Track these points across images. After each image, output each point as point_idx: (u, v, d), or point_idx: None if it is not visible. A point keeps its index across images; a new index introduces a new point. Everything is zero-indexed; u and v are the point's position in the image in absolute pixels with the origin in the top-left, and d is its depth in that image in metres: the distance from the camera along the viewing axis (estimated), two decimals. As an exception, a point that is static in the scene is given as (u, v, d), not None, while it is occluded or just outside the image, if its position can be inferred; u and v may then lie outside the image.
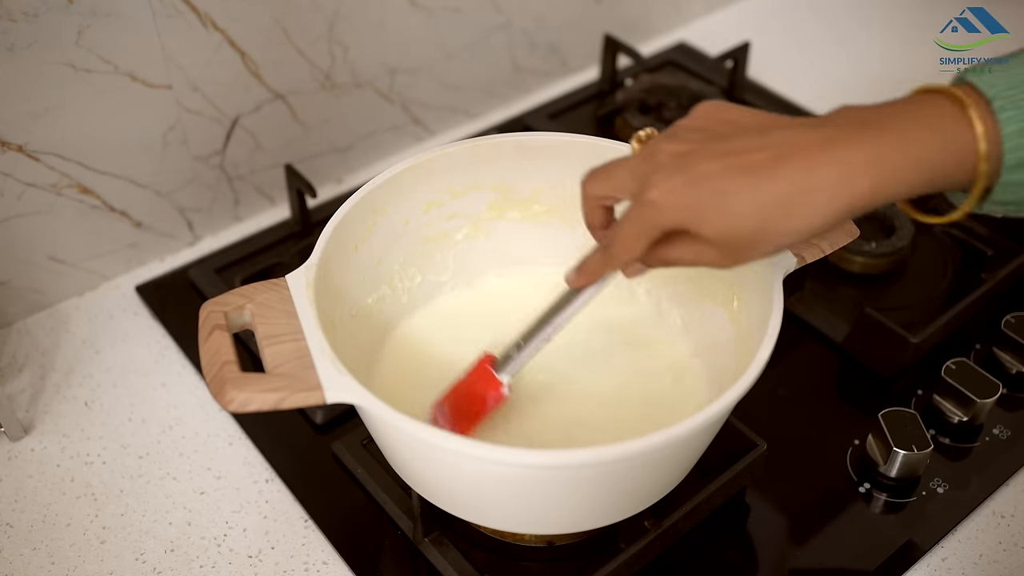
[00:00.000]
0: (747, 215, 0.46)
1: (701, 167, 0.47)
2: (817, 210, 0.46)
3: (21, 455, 0.72)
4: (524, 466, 0.51)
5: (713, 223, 0.47)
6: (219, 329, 0.54)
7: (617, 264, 0.53)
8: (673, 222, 0.48)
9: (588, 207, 0.54)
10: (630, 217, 0.50)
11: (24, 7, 0.70)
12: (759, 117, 0.49)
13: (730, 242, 0.48)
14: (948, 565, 0.66)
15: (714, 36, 1.16)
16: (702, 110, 0.51)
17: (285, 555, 0.66)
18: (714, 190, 0.47)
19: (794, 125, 0.48)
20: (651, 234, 0.50)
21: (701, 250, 0.49)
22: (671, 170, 0.48)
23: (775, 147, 0.47)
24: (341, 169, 0.98)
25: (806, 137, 0.47)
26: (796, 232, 0.47)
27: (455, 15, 0.96)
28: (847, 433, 0.73)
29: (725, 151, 0.47)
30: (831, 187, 0.45)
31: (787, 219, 0.46)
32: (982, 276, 0.83)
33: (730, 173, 0.46)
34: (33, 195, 0.78)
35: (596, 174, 0.53)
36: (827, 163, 0.46)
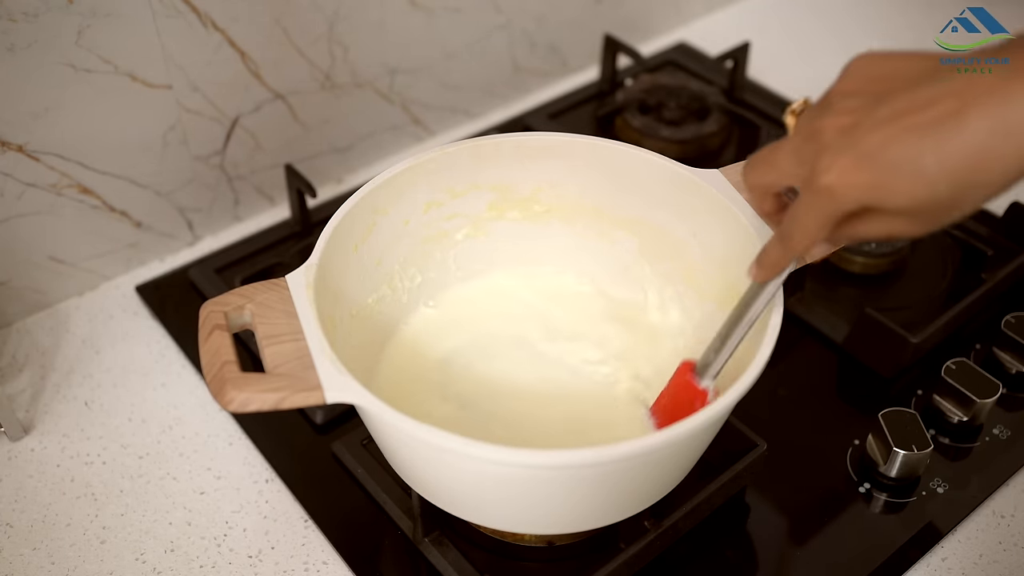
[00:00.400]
0: (940, 178, 0.42)
1: (873, 137, 0.43)
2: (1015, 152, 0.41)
3: (21, 455, 0.72)
4: (524, 466, 0.51)
5: (902, 195, 0.43)
6: (219, 329, 0.54)
7: (798, 254, 0.51)
8: (855, 203, 0.45)
9: (755, 198, 0.52)
10: (806, 206, 0.47)
11: (24, 7, 0.70)
12: (920, 61, 0.45)
13: (925, 209, 0.43)
14: (948, 565, 0.66)
15: (714, 36, 1.16)
16: (855, 68, 0.46)
17: (285, 555, 0.66)
18: (895, 160, 0.42)
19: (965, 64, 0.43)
20: (832, 221, 0.46)
21: (892, 222, 0.45)
22: (840, 148, 0.44)
23: (954, 93, 0.42)
24: (341, 169, 0.98)
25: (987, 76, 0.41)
26: (999, 183, 0.42)
27: (455, 15, 0.96)
28: (847, 433, 0.73)
29: (896, 112, 0.43)
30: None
31: (985, 172, 0.41)
32: (982, 276, 0.83)
33: (909, 136, 0.42)
34: (33, 195, 0.78)
35: (756, 163, 0.50)
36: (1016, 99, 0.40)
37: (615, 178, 0.69)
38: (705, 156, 0.98)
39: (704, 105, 1.01)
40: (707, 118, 1.00)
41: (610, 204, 0.71)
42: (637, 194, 0.69)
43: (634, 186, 0.69)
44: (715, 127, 0.99)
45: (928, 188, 0.42)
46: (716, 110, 1.01)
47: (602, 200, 0.71)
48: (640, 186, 0.68)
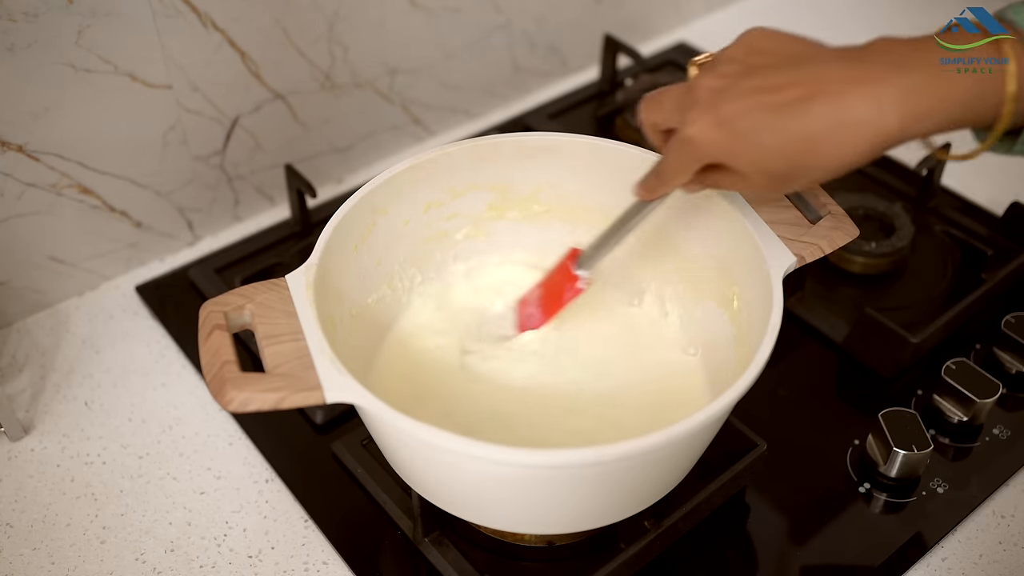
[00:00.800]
0: (775, 154, 0.48)
1: (733, 105, 0.49)
2: (846, 146, 0.47)
3: (21, 455, 0.72)
4: (524, 466, 0.51)
5: (745, 160, 0.49)
6: (219, 329, 0.54)
7: (670, 187, 0.56)
8: (709, 157, 0.51)
9: (646, 131, 0.57)
10: (672, 148, 0.53)
11: (24, 7, 0.70)
12: (798, 46, 0.50)
13: (764, 177, 0.50)
14: (948, 565, 0.66)
15: (714, 36, 1.16)
16: (748, 37, 0.52)
17: (285, 555, 0.66)
18: (743, 129, 0.48)
19: (829, 58, 0.48)
20: (692, 166, 0.52)
21: (742, 180, 0.51)
22: (706, 106, 0.50)
23: (806, 83, 0.47)
24: (341, 169, 0.98)
25: (839, 73, 0.47)
26: (826, 168, 0.48)
27: (455, 15, 0.96)
28: (847, 433, 0.73)
29: (757, 87, 0.48)
30: (860, 124, 0.46)
31: (816, 155, 0.47)
32: (982, 276, 0.83)
33: (758, 111, 0.48)
34: (33, 195, 0.78)
35: (648, 101, 0.55)
36: (857, 99, 0.46)
37: (615, 178, 0.69)
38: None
39: (704, 105, 1.01)
40: (707, 118, 1.00)
41: (610, 204, 0.71)
42: (637, 194, 0.69)
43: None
44: (715, 127, 0.99)
45: (765, 160, 0.49)
46: (716, 110, 1.01)
47: (602, 200, 0.71)
48: (640, 186, 0.68)
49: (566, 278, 0.65)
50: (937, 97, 0.46)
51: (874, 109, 0.46)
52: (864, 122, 0.46)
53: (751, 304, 0.61)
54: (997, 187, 0.95)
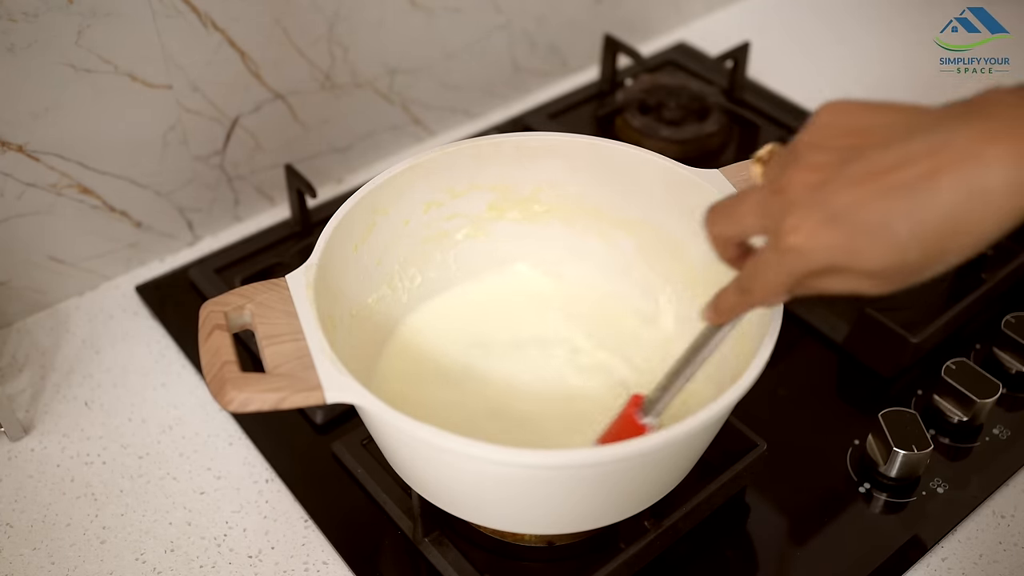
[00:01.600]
0: (911, 244, 0.40)
1: (843, 197, 0.41)
2: (992, 216, 0.39)
3: (21, 455, 0.72)
4: (524, 466, 0.51)
5: (873, 259, 0.41)
6: (219, 329, 0.54)
7: (757, 306, 0.49)
8: (822, 265, 0.43)
9: (718, 248, 0.50)
10: (770, 264, 0.45)
11: (24, 7, 0.70)
12: (890, 115, 0.43)
13: (895, 270, 0.42)
14: (948, 565, 0.66)
15: (714, 36, 1.16)
16: (824, 118, 0.44)
17: (285, 555, 0.66)
18: (866, 223, 0.41)
19: (942, 121, 0.41)
20: (795, 279, 0.45)
21: (857, 281, 0.43)
22: (809, 206, 0.42)
23: (928, 154, 0.40)
24: (341, 169, 0.98)
25: (963, 134, 0.40)
26: (972, 246, 0.41)
27: (455, 15, 0.96)
28: (847, 433, 0.73)
29: (868, 172, 0.41)
30: (1004, 188, 0.39)
31: (961, 235, 0.40)
32: (982, 276, 0.83)
33: (881, 198, 0.40)
34: (33, 195, 0.78)
35: (718, 213, 0.48)
36: (994, 161, 0.39)
37: (615, 178, 0.69)
38: (705, 156, 0.98)
39: (704, 105, 1.01)
40: (707, 118, 1.00)
41: (610, 204, 0.71)
42: (637, 194, 0.69)
43: (634, 186, 0.69)
44: (715, 127, 0.99)
45: (899, 253, 0.41)
46: (716, 110, 1.01)
47: (602, 200, 0.71)
48: (640, 186, 0.68)
49: (634, 430, 0.57)
50: None
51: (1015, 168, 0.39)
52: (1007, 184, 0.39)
53: (751, 304, 0.61)
54: (997, 187, 0.95)
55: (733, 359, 0.63)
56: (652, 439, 0.50)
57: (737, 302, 0.49)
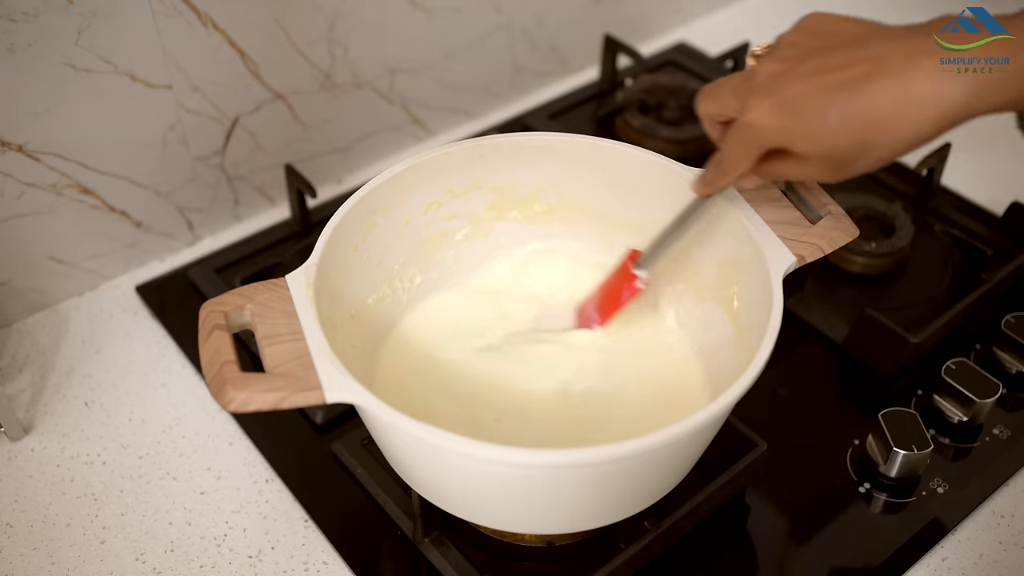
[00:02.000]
0: (840, 133, 0.47)
1: (793, 87, 0.48)
2: (912, 122, 0.46)
3: (21, 455, 0.73)
4: (524, 466, 0.51)
5: (808, 142, 0.48)
6: (219, 329, 0.54)
7: (730, 177, 0.56)
8: (771, 142, 0.50)
9: (705, 123, 0.57)
10: (732, 136, 0.53)
11: (24, 7, 0.70)
12: (861, 26, 0.49)
13: (828, 158, 0.49)
14: (948, 565, 0.66)
15: (714, 36, 1.16)
16: (806, 22, 0.51)
17: (285, 555, 0.66)
18: (806, 110, 0.48)
19: (893, 35, 0.48)
20: (753, 152, 0.52)
21: (804, 166, 0.50)
22: (765, 91, 0.49)
23: (868, 60, 0.46)
24: (341, 169, 0.98)
25: (903, 48, 0.46)
26: (893, 145, 0.47)
27: (455, 15, 0.96)
28: (847, 433, 0.73)
29: (818, 68, 0.48)
30: (926, 98, 0.45)
31: (882, 132, 0.46)
32: (982, 276, 0.83)
33: (821, 91, 0.47)
34: (33, 195, 0.78)
35: (706, 93, 0.55)
36: (921, 74, 0.45)
37: (615, 178, 0.69)
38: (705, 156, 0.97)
39: (704, 105, 1.01)
40: (707, 118, 1.00)
41: (610, 204, 0.71)
42: (637, 194, 0.69)
43: (634, 186, 0.69)
44: (715, 127, 0.99)
45: (830, 139, 0.48)
46: (716, 110, 1.01)
47: (602, 200, 0.71)
48: (640, 186, 0.68)
49: (625, 278, 0.66)
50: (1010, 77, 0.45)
51: (940, 82, 0.45)
52: (929, 96, 0.45)
53: (751, 304, 0.61)
54: (997, 187, 0.95)
55: (733, 359, 0.63)
56: (652, 439, 0.50)
57: (715, 175, 0.57)
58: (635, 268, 0.65)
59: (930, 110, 0.45)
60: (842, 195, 0.88)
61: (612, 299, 0.67)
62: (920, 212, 0.91)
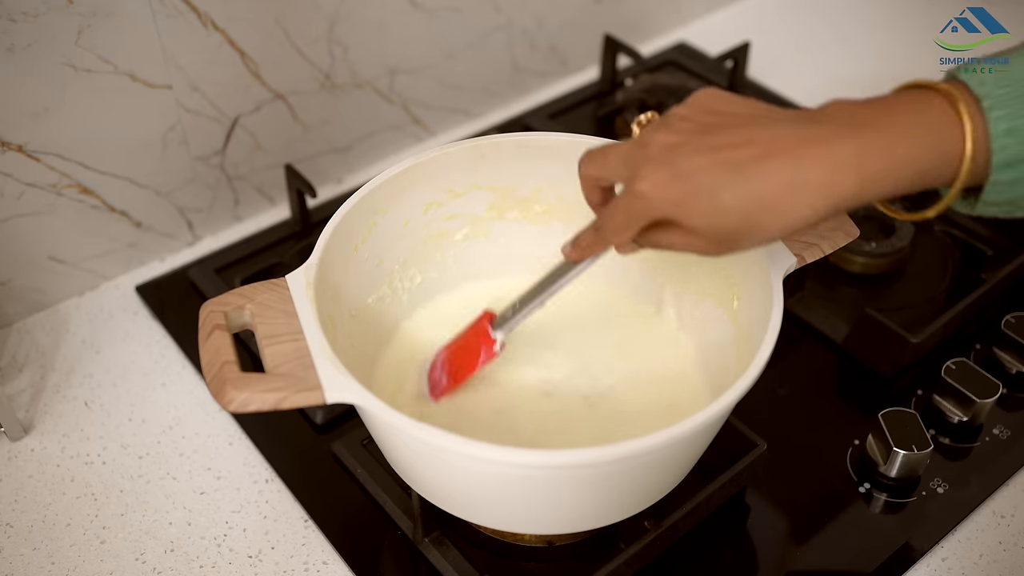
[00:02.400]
0: (732, 210, 0.47)
1: (689, 161, 0.48)
2: (801, 207, 0.46)
3: (21, 455, 0.73)
4: (524, 466, 0.51)
5: (699, 217, 0.48)
6: (219, 329, 0.54)
7: (608, 244, 0.55)
8: (660, 213, 0.49)
9: (585, 187, 0.56)
10: (620, 204, 0.51)
11: (24, 7, 0.70)
12: (752, 107, 0.50)
13: (716, 234, 0.49)
14: (948, 565, 0.66)
15: (714, 36, 1.16)
16: (698, 98, 0.51)
17: (285, 555, 0.66)
18: (700, 185, 0.47)
19: (785, 119, 0.48)
20: (639, 222, 0.51)
21: (690, 239, 0.50)
22: (659, 163, 0.49)
23: (763, 143, 0.47)
24: (341, 169, 0.98)
25: (795, 133, 0.47)
26: (781, 228, 0.47)
27: (455, 15, 0.96)
28: (847, 433, 0.73)
29: (713, 145, 0.48)
30: (817, 185, 0.46)
31: (772, 215, 0.47)
32: (982, 276, 0.83)
33: (716, 168, 0.47)
34: (33, 195, 0.78)
35: (591, 156, 0.54)
36: (814, 161, 0.46)
37: (615, 178, 0.69)
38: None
39: (704, 105, 1.01)
40: (707, 118, 1.00)
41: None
42: (637, 194, 0.69)
43: (634, 186, 0.68)
44: (715, 127, 0.99)
45: (720, 216, 0.47)
46: (716, 110, 1.01)
47: (602, 200, 0.71)
48: (640, 186, 0.68)
49: (482, 340, 0.63)
50: (895, 158, 0.46)
51: (830, 170, 0.46)
52: (820, 183, 0.46)
53: (751, 304, 0.61)
54: (997, 187, 0.95)
55: (733, 359, 0.63)
56: (652, 439, 0.50)
57: (593, 239, 0.55)
58: (493, 330, 0.62)
59: (820, 198, 0.46)
60: (842, 195, 0.88)
61: (465, 363, 0.64)
62: (920, 212, 0.91)
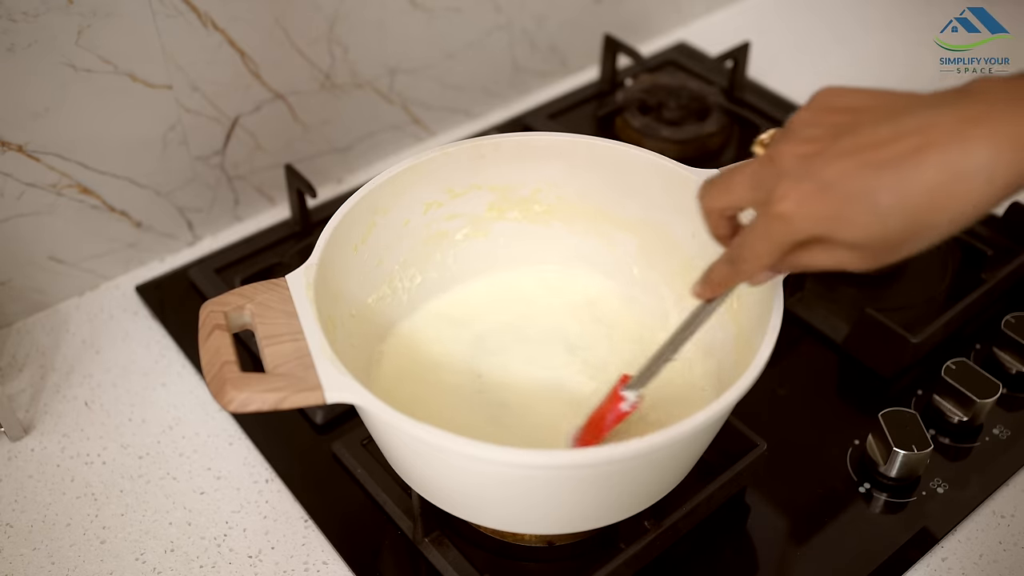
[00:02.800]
0: (894, 214, 0.42)
1: (832, 168, 0.43)
2: (974, 195, 0.41)
3: (21, 455, 0.73)
4: (524, 466, 0.51)
5: (856, 229, 0.43)
6: (219, 329, 0.54)
7: (746, 278, 0.50)
8: (808, 233, 0.44)
9: (711, 222, 0.51)
10: (758, 232, 0.47)
11: (24, 7, 0.70)
12: (882, 98, 0.45)
13: (877, 244, 0.43)
14: (948, 565, 0.66)
15: (714, 36, 1.16)
16: (819, 99, 0.46)
17: (285, 555, 0.66)
18: (853, 192, 0.42)
19: (930, 104, 0.43)
20: (783, 247, 0.46)
21: (840, 254, 0.45)
22: (799, 176, 0.44)
23: (915, 132, 0.42)
24: (341, 169, 0.98)
25: (950, 116, 0.41)
26: (951, 223, 0.42)
27: (455, 15, 0.96)
28: (847, 433, 0.73)
29: (857, 146, 0.43)
30: (987, 168, 0.40)
31: (940, 211, 0.41)
32: (982, 276, 0.83)
33: (868, 170, 0.42)
34: (33, 195, 0.78)
35: (713, 187, 0.50)
36: (975, 144, 0.40)
37: (615, 178, 0.69)
38: (705, 156, 0.98)
39: (704, 105, 1.01)
40: (707, 118, 1.00)
41: (610, 204, 0.71)
42: (637, 194, 0.69)
43: (634, 186, 0.69)
44: (715, 127, 0.99)
45: (881, 223, 0.42)
46: (716, 110, 1.01)
47: (602, 200, 0.71)
48: (640, 186, 0.68)
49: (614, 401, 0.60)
50: None
51: (1001, 150, 0.40)
52: (991, 166, 0.40)
53: (751, 304, 0.61)
54: (997, 187, 0.95)
55: (733, 359, 0.63)
56: (652, 439, 0.50)
57: (727, 274, 0.50)
58: (624, 390, 0.60)
59: (994, 179, 0.41)
60: (842, 195, 0.88)
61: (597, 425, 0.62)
62: (920, 212, 0.91)
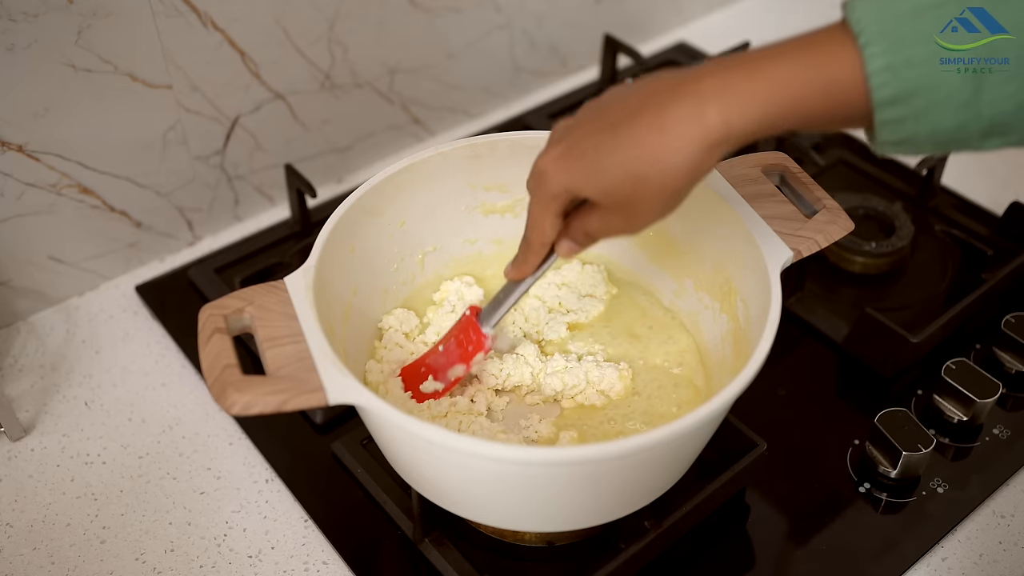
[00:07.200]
0: (614, 169, 0.48)
1: (578, 133, 0.50)
2: (675, 149, 0.47)
3: (21, 455, 0.73)
4: (524, 463, 0.51)
5: (590, 183, 0.50)
6: (219, 332, 0.54)
7: (536, 247, 0.56)
8: (559, 186, 0.51)
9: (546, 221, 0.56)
10: (531, 198, 0.54)
11: (24, 7, 0.70)
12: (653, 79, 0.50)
13: (614, 200, 0.50)
14: (948, 565, 0.66)
15: (714, 36, 1.16)
16: (609, 90, 0.52)
17: (285, 555, 0.66)
18: (584, 151, 0.49)
19: (662, 74, 0.49)
20: (550, 205, 0.52)
21: (603, 216, 0.51)
22: (555, 141, 0.52)
23: (637, 98, 0.48)
24: (341, 169, 0.98)
25: (664, 84, 0.48)
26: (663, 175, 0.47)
27: (455, 15, 0.96)
28: (847, 433, 0.73)
29: (599, 117, 0.50)
30: (682, 123, 0.46)
31: (649, 163, 0.47)
32: (982, 276, 0.83)
33: (598, 132, 0.49)
34: (33, 195, 0.78)
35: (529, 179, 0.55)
36: (678, 101, 0.47)
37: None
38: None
39: (704, 105, 1.01)
40: (707, 118, 1.00)
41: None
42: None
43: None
44: (715, 127, 0.99)
45: (607, 178, 0.49)
46: (716, 110, 1.01)
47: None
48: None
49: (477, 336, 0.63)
50: (758, 88, 0.46)
51: (694, 108, 0.46)
52: (686, 121, 0.46)
53: (749, 299, 0.61)
54: (997, 187, 0.95)
55: (732, 355, 0.63)
56: (651, 436, 0.50)
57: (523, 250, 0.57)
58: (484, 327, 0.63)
59: (689, 135, 0.46)
60: (843, 195, 0.89)
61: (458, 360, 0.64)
62: (920, 212, 0.91)
